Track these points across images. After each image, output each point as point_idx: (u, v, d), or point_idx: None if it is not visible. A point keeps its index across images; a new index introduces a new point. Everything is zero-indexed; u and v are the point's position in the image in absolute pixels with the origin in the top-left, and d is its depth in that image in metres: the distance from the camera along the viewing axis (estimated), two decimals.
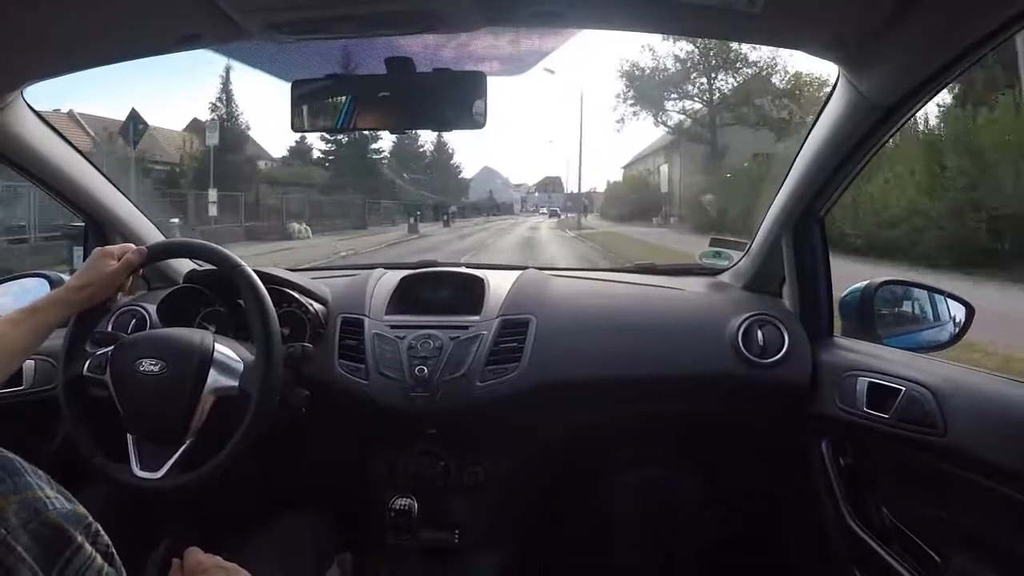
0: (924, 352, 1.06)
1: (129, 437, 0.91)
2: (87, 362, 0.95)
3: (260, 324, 0.93)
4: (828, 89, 0.96)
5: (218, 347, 0.94)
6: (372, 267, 1.40)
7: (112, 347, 0.96)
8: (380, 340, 1.17)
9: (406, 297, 1.29)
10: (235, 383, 0.93)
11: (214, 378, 0.91)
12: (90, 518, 0.44)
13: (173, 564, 0.78)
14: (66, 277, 1.20)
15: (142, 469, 0.89)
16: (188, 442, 0.89)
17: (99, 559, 0.43)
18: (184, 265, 1.39)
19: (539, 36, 0.96)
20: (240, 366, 0.94)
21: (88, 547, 0.42)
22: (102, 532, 0.45)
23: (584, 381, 1.17)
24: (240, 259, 0.99)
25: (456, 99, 0.91)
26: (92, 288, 0.89)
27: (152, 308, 1.20)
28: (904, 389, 0.92)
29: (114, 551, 0.45)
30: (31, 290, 1.28)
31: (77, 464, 0.93)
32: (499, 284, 1.27)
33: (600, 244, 14.56)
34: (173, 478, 0.88)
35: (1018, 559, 0.79)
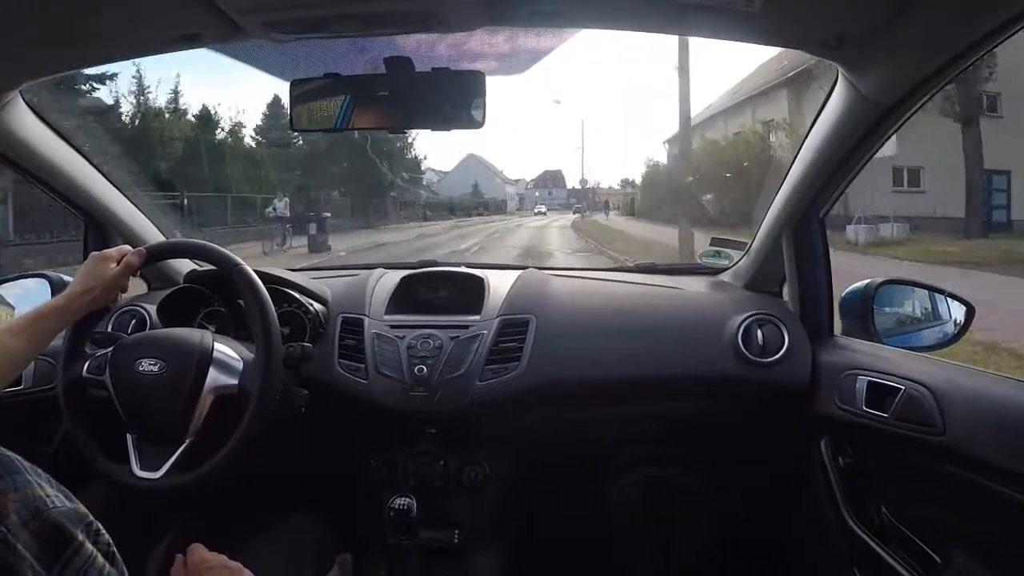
0: (924, 352, 1.06)
1: (128, 437, 0.91)
2: (87, 363, 0.95)
3: (260, 322, 0.93)
4: None
5: (218, 346, 0.94)
6: (372, 267, 1.40)
7: (112, 348, 0.96)
8: (380, 340, 1.17)
9: (406, 297, 1.29)
10: (235, 381, 0.93)
11: (214, 376, 0.91)
12: (91, 517, 0.45)
13: (176, 560, 0.78)
14: (67, 278, 1.20)
15: (142, 469, 0.89)
16: (188, 442, 0.89)
17: (100, 558, 0.43)
18: (184, 265, 1.39)
19: (538, 35, 0.96)
20: (240, 364, 0.94)
21: (89, 546, 0.43)
22: (103, 531, 0.45)
23: (584, 381, 1.17)
24: (239, 258, 0.98)
25: (455, 98, 0.91)
26: (94, 293, 0.89)
27: (152, 308, 1.20)
28: (903, 388, 0.92)
29: (115, 550, 0.45)
30: (32, 290, 1.28)
31: (77, 464, 0.93)
32: (499, 284, 1.27)
33: None
34: (173, 478, 0.88)
35: (1017, 559, 0.79)
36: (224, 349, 0.95)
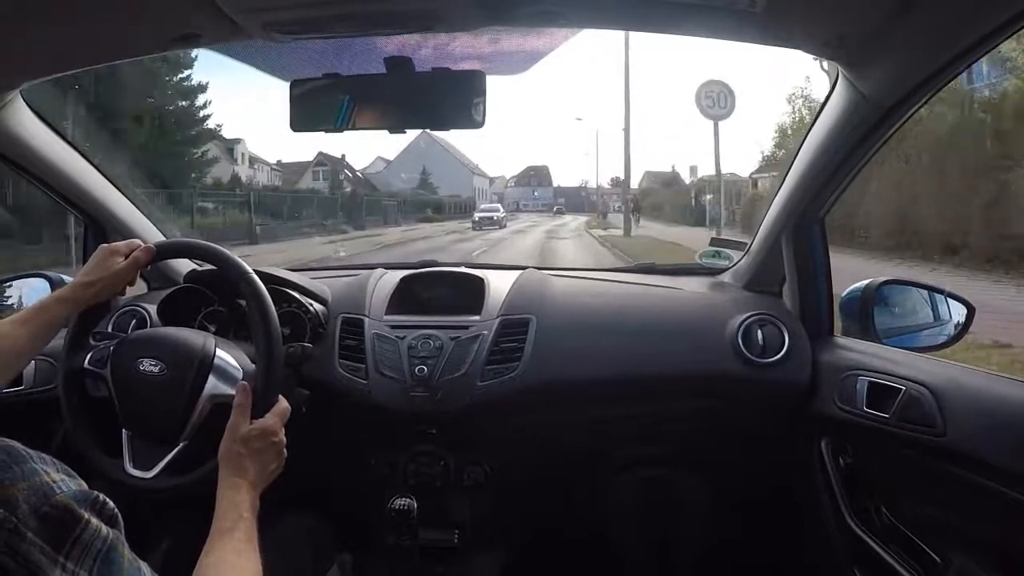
0: (924, 352, 1.06)
1: (124, 434, 0.91)
2: (88, 355, 0.95)
3: (263, 336, 0.91)
4: None
5: (219, 352, 0.93)
6: (372, 267, 1.40)
7: (114, 342, 0.96)
8: (380, 340, 1.17)
9: (406, 297, 1.28)
10: (233, 392, 0.92)
11: (213, 384, 0.90)
12: (95, 492, 0.46)
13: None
14: (67, 277, 1.20)
15: (134, 467, 0.89)
16: (182, 444, 0.89)
17: (104, 528, 0.45)
18: (183, 265, 1.39)
19: (539, 35, 0.96)
20: (240, 374, 0.93)
21: (95, 520, 0.44)
22: (107, 501, 0.47)
23: (584, 381, 1.17)
24: (246, 265, 0.98)
25: (455, 98, 0.91)
26: (99, 285, 0.88)
27: (152, 308, 1.20)
28: (904, 389, 0.92)
29: (117, 513, 0.47)
30: (33, 290, 1.28)
31: (76, 464, 0.92)
32: (499, 284, 1.27)
33: None
34: (164, 479, 0.88)
35: (1018, 559, 0.79)
36: (225, 357, 0.94)
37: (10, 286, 1.33)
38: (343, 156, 29.03)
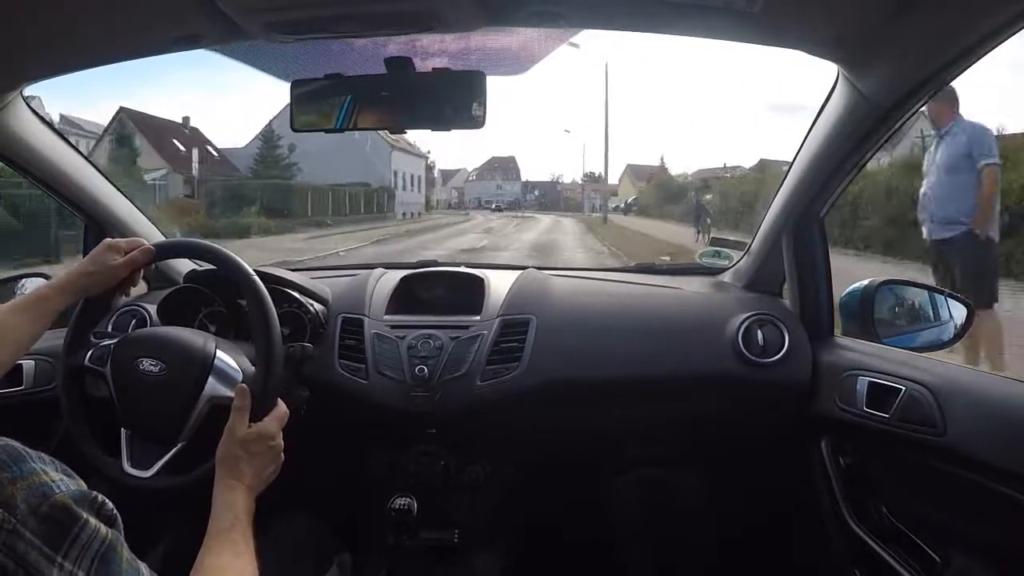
0: (924, 352, 1.07)
1: (123, 433, 0.91)
2: (89, 352, 0.95)
3: (263, 337, 0.91)
4: None
5: (220, 354, 0.93)
6: (372, 267, 1.40)
7: (115, 340, 0.96)
8: (380, 340, 1.17)
9: (406, 297, 1.29)
10: (232, 394, 0.92)
11: (212, 385, 0.90)
12: (94, 493, 0.46)
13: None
14: None
15: (132, 467, 0.89)
16: (180, 445, 0.89)
17: (103, 528, 0.45)
18: (184, 265, 1.39)
19: (539, 36, 0.96)
20: (239, 376, 0.93)
21: (93, 520, 0.44)
22: (106, 501, 0.47)
23: (584, 381, 1.17)
24: (247, 265, 0.97)
25: (455, 99, 0.91)
26: (95, 277, 0.89)
27: (152, 308, 1.20)
28: (904, 389, 0.92)
29: (117, 513, 0.47)
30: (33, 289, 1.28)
31: (75, 464, 0.92)
32: (499, 284, 1.27)
33: None
34: (163, 479, 0.88)
35: (1018, 559, 0.79)
36: (225, 358, 0.94)
37: (10, 286, 1.33)
38: (185, 120, 20.12)
